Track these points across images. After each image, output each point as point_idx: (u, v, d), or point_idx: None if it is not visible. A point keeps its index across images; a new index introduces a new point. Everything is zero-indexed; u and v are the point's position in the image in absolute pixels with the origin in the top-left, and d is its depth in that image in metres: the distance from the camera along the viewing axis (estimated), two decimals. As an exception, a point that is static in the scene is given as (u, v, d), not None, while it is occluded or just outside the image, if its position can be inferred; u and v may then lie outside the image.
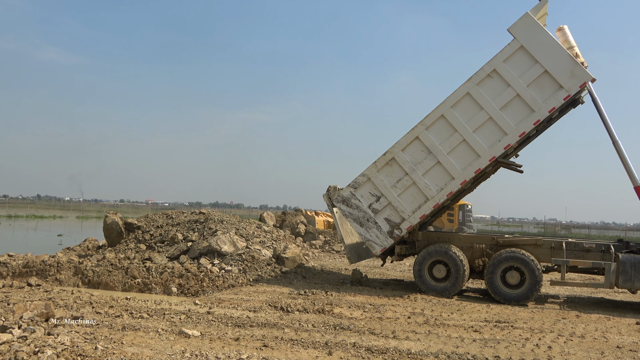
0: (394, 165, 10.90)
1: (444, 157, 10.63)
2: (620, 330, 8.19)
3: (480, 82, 10.43)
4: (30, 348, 5.43)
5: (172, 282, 10.89)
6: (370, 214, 10.97)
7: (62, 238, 26.88)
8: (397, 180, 10.88)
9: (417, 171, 10.76)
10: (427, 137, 10.70)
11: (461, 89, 10.52)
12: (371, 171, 11.01)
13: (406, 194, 10.86)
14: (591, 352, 6.75)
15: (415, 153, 10.80)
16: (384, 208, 10.95)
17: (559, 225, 61.27)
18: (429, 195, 10.73)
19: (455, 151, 10.63)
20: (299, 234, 20.96)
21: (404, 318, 8.37)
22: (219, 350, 6.09)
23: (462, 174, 10.61)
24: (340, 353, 6.24)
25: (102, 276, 11.16)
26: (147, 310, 8.07)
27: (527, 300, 10.15)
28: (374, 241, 10.97)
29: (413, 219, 10.82)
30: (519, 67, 10.28)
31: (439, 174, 10.71)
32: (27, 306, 6.89)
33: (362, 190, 11.07)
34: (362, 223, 11.00)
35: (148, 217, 16.71)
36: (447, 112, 10.61)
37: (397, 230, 10.89)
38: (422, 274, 10.88)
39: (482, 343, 6.96)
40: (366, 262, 17.02)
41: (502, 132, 10.39)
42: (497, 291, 10.31)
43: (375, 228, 10.95)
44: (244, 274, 11.90)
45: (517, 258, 10.27)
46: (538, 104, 10.21)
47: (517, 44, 10.25)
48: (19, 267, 11.69)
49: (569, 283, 10.70)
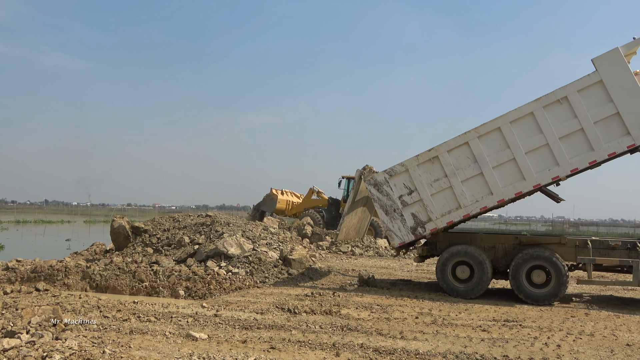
0: (435, 163, 10.64)
1: (489, 170, 10.34)
2: (630, 328, 8.12)
3: (547, 105, 10.02)
4: (39, 353, 5.46)
5: (179, 285, 10.90)
6: (399, 205, 10.77)
7: (70, 243, 27.00)
8: (434, 180, 10.65)
9: (457, 176, 10.49)
10: (477, 145, 10.40)
11: (526, 107, 10.16)
12: (411, 163, 10.76)
13: (440, 195, 10.64)
14: (600, 351, 6.70)
15: (461, 158, 10.53)
16: (413, 203, 10.75)
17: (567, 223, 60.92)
18: (462, 203, 10.51)
19: (502, 167, 10.33)
20: (305, 235, 20.94)
21: (411, 318, 8.34)
22: (226, 353, 6.09)
23: (502, 192, 10.34)
24: (347, 354, 6.22)
25: (110, 280, 11.20)
26: (154, 314, 8.09)
27: (554, 299, 9.94)
28: (395, 233, 10.82)
29: (440, 222, 10.64)
30: (592, 101, 9.83)
31: (478, 185, 10.46)
32: (35, 311, 6.91)
33: (397, 180, 10.84)
34: (387, 211, 10.83)
35: (155, 220, 16.75)
36: (504, 126, 10.27)
37: (421, 228, 10.72)
38: (445, 275, 10.66)
39: (490, 342, 6.93)
40: (373, 262, 17.00)
41: (555, 162, 10.07)
42: (523, 291, 10.08)
43: (400, 220, 10.77)
44: (251, 276, 11.90)
45: (543, 257, 10.04)
46: (599, 145, 9.80)
47: (596, 77, 9.77)
48: (27, 272, 11.74)
49: (596, 282, 10.47)
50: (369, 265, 16.02)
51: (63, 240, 28.85)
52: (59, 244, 26.33)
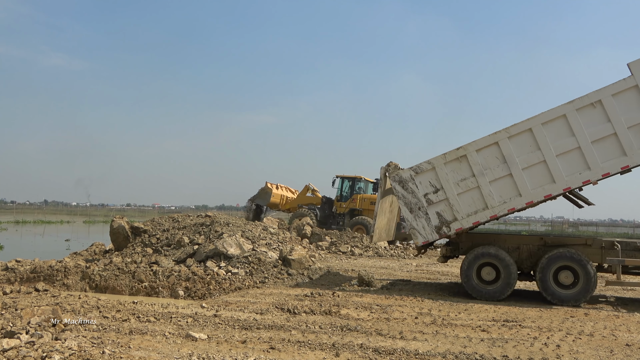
0: (463, 162, 10.48)
1: (518, 171, 10.20)
2: (630, 328, 8.13)
3: (580, 108, 9.90)
4: (38, 353, 5.46)
5: (178, 286, 10.90)
6: (424, 203, 10.57)
7: (69, 243, 26.99)
8: (461, 179, 10.48)
9: (485, 176, 10.34)
10: (506, 146, 10.25)
11: (558, 109, 10.05)
12: (438, 161, 10.57)
13: (466, 195, 10.47)
14: (600, 351, 6.70)
15: (489, 158, 10.37)
16: (439, 202, 10.56)
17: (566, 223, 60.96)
18: (489, 204, 10.34)
19: (531, 169, 10.19)
20: (305, 235, 20.95)
21: (411, 318, 8.34)
22: (226, 353, 6.09)
23: (531, 194, 10.22)
24: (347, 354, 6.22)
25: (109, 280, 11.19)
26: (154, 314, 8.08)
27: (582, 300, 9.84)
28: (419, 231, 10.62)
29: (466, 223, 10.47)
30: (626, 106, 9.76)
31: (506, 186, 10.30)
32: (35, 311, 6.91)
33: (423, 177, 10.63)
34: (412, 209, 10.62)
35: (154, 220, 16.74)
36: (535, 128, 10.13)
37: (446, 228, 10.54)
38: (470, 277, 10.46)
39: (490, 342, 6.93)
40: (373, 263, 17.02)
41: (586, 166, 9.95)
42: (551, 292, 9.96)
43: (425, 219, 10.57)
44: (250, 277, 11.90)
45: (572, 258, 9.92)
46: (632, 150, 9.74)
47: (632, 82, 9.71)
48: (26, 272, 11.74)
49: (625, 283, 10.29)
50: (368, 266, 16.03)
51: (62, 241, 28.84)
52: (58, 244, 26.32)
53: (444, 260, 11.47)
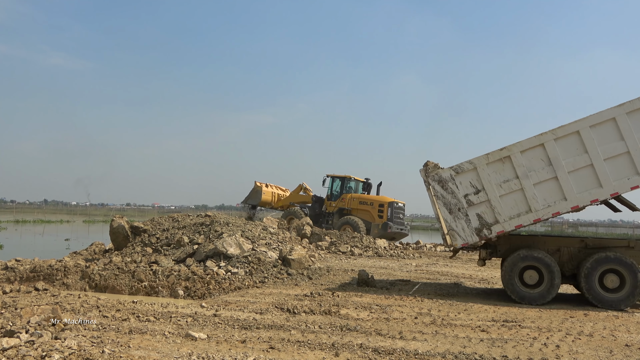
0: (506, 163, 10.22)
1: (564, 174, 9.96)
2: (629, 328, 8.13)
3: (631, 112, 9.71)
4: (38, 352, 5.46)
5: (178, 285, 10.90)
6: (464, 204, 10.28)
7: (69, 242, 26.99)
8: (504, 180, 10.22)
9: (530, 179, 10.08)
10: (552, 148, 10.00)
11: (607, 112, 9.88)
12: (480, 161, 10.30)
13: (509, 197, 10.20)
14: (599, 351, 6.71)
15: (534, 160, 10.13)
16: (480, 203, 10.28)
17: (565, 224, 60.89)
18: (533, 207, 10.08)
19: (578, 173, 9.94)
20: (304, 235, 20.96)
21: (410, 318, 8.34)
22: (225, 353, 6.09)
23: (577, 198, 9.97)
24: (347, 354, 6.22)
25: (109, 280, 11.19)
26: (153, 314, 8.09)
27: (627, 304, 9.70)
28: (458, 233, 10.32)
29: (508, 225, 10.19)
30: None
31: (551, 189, 10.06)
32: (35, 310, 6.92)
33: (463, 178, 10.34)
34: (451, 210, 10.33)
35: (154, 220, 16.75)
36: (583, 130, 9.87)
37: (487, 230, 10.25)
38: (512, 280, 10.17)
39: (489, 343, 6.93)
40: (372, 263, 17.02)
41: (635, 171, 9.75)
42: (596, 295, 9.77)
43: (464, 220, 10.28)
44: (250, 276, 11.91)
45: (620, 261, 9.72)
46: None
47: None
48: (26, 271, 11.74)
49: None
50: (368, 266, 16.03)
51: (62, 240, 28.84)
52: (58, 244, 26.32)
53: (483, 264, 11.19)
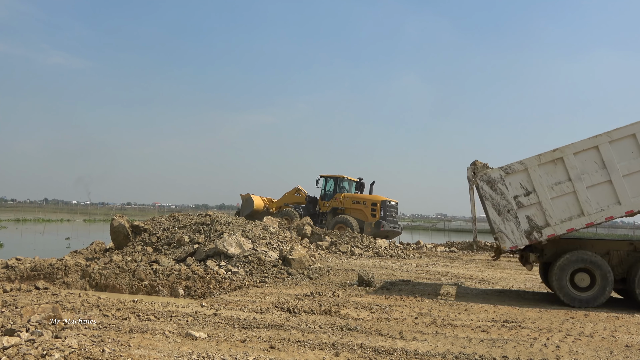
0: (559, 165, 10.00)
1: (618, 178, 9.74)
2: (629, 329, 8.13)
3: None
4: (38, 351, 5.46)
5: (178, 285, 10.90)
6: (514, 205, 10.05)
7: (69, 241, 27.01)
8: (556, 183, 9.99)
9: (583, 181, 9.86)
10: (607, 151, 9.78)
11: None
12: (531, 162, 10.07)
13: (561, 200, 9.96)
14: (600, 352, 6.70)
15: (587, 162, 9.90)
16: (530, 205, 10.05)
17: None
18: (586, 210, 9.85)
19: (633, 176, 9.73)
20: (305, 235, 20.97)
21: (411, 319, 8.34)
22: (225, 352, 6.09)
23: (632, 202, 9.75)
24: (347, 354, 6.22)
25: (110, 279, 11.20)
26: (154, 313, 8.09)
27: None
28: (507, 235, 10.08)
29: (559, 229, 9.96)
30: None
31: (605, 193, 9.83)
32: (35, 309, 6.92)
33: (513, 179, 10.11)
34: (500, 211, 10.09)
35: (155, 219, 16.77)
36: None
37: (537, 233, 10.02)
38: (563, 283, 9.93)
39: (489, 343, 6.93)
40: (372, 263, 17.02)
41: None
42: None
43: (514, 222, 10.05)
44: (250, 276, 11.91)
45: None
46: None
47: None
48: (26, 270, 11.75)
49: None
50: (368, 266, 16.03)
51: (63, 239, 28.86)
52: (58, 243, 26.34)
53: (531, 268, 10.89)
